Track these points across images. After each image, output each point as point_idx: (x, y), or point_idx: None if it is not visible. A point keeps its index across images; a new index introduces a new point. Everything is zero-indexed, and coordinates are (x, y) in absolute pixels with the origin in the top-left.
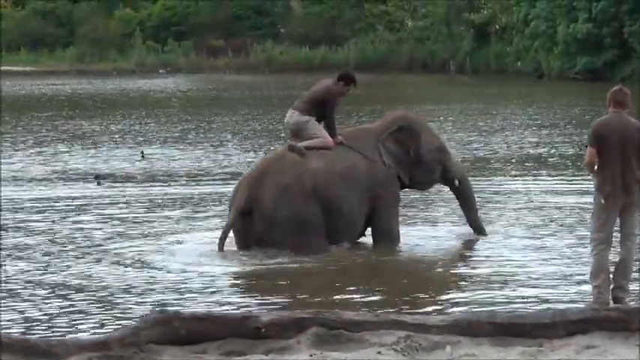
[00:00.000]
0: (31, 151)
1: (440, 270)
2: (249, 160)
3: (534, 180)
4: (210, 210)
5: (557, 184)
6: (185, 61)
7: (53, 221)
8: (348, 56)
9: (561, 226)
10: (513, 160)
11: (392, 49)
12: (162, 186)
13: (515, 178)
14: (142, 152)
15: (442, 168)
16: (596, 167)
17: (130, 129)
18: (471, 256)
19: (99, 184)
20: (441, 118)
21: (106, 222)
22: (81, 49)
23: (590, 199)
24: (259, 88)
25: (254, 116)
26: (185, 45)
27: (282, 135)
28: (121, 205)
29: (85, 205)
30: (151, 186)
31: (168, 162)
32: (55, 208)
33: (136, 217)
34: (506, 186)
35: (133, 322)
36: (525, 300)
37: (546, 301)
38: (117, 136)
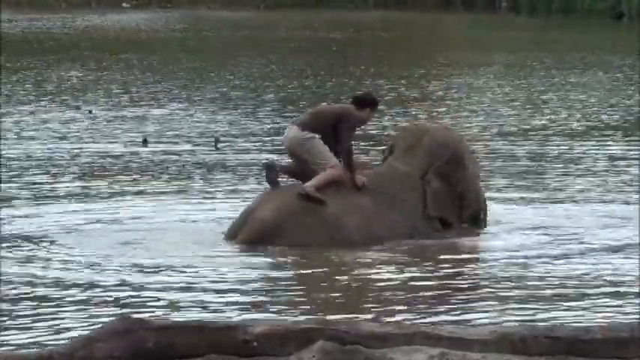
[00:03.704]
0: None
1: (485, 267)
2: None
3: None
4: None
5: None
6: None
7: None
8: None
9: None
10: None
11: None
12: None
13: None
14: (217, 140)
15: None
16: None
17: (141, 78)
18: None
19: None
20: (488, 72)
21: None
22: None
23: None
24: (267, 28)
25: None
26: None
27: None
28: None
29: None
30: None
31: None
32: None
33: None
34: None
35: (87, 332)
36: (596, 308)
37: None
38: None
